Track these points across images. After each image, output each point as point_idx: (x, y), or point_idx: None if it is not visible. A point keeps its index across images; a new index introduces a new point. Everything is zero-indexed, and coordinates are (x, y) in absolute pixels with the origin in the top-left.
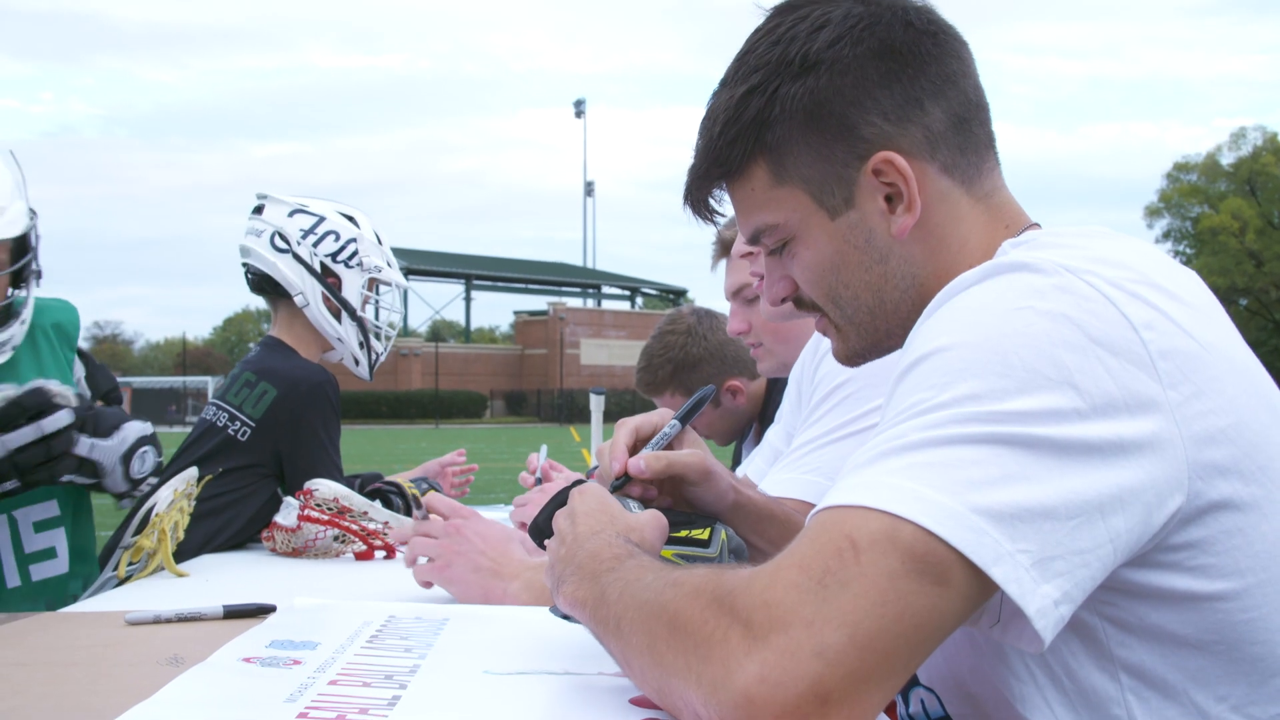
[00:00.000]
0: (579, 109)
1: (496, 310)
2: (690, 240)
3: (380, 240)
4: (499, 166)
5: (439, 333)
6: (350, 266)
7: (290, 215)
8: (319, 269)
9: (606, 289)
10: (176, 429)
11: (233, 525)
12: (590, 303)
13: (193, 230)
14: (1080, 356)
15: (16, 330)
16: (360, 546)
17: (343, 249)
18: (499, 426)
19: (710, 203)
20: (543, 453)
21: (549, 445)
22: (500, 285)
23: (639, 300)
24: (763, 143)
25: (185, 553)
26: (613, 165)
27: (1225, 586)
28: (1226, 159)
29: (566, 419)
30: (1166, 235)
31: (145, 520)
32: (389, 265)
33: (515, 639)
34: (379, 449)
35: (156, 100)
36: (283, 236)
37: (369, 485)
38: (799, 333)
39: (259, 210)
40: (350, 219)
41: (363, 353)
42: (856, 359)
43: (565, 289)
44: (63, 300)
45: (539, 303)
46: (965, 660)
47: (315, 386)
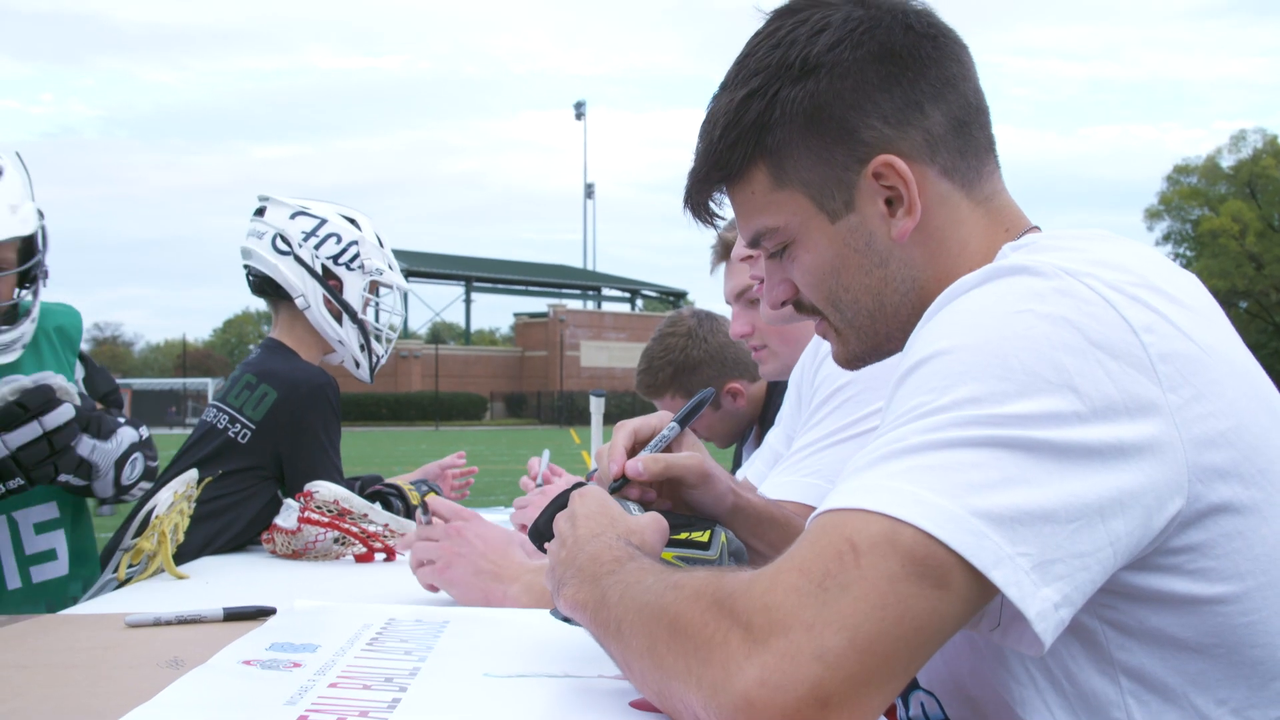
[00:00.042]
0: (579, 111)
1: (496, 312)
2: (690, 243)
3: (381, 243)
4: (499, 168)
5: (439, 334)
6: (352, 269)
7: (292, 217)
8: (320, 271)
9: (607, 291)
10: (176, 431)
11: (233, 527)
12: (590, 305)
13: (193, 231)
14: (1080, 359)
15: (27, 328)
16: (360, 549)
17: (344, 251)
18: (499, 429)
19: (710, 206)
20: (544, 458)
21: (549, 448)
22: (500, 287)
23: (639, 302)
24: (763, 146)
25: (185, 555)
26: (613, 167)
27: (1225, 590)
28: (1227, 161)
29: (566, 421)
30: (1166, 238)
31: (145, 522)
32: (390, 268)
33: (515, 641)
34: (379, 451)
35: (157, 101)
36: (284, 239)
37: (369, 487)
38: (803, 335)
39: (261, 212)
40: (352, 221)
41: (363, 355)
42: (856, 362)
43: (565, 291)
44: (66, 305)
45: (539, 305)
46: (965, 663)
47: (316, 389)
